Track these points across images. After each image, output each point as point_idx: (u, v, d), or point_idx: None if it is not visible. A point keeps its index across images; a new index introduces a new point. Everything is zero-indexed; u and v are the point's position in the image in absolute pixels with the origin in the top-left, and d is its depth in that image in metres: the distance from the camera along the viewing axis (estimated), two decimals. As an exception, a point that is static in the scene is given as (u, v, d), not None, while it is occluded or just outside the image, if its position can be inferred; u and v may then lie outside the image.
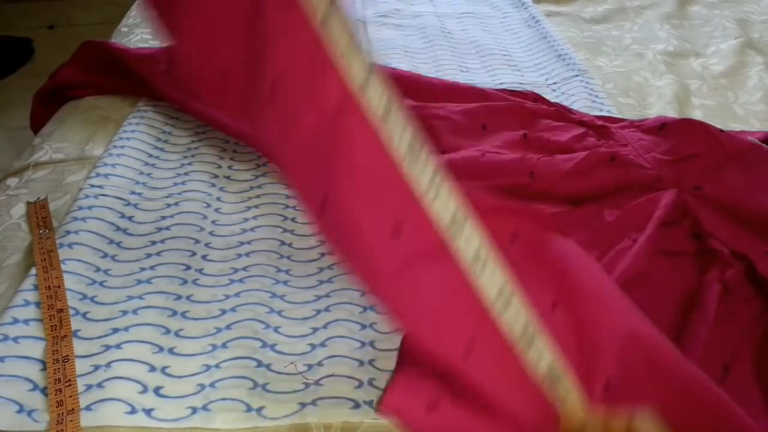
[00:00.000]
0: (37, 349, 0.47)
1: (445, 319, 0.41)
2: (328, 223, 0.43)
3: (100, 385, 0.45)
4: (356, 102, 0.39)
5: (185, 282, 0.55)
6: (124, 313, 0.51)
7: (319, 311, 0.53)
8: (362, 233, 0.40)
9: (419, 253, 0.39)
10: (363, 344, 0.50)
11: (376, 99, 0.39)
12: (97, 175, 0.66)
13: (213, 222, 0.63)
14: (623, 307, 0.46)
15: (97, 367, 0.47)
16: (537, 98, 0.80)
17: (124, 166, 0.68)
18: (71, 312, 0.50)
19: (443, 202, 0.39)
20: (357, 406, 0.45)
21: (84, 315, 0.51)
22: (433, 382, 0.43)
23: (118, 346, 0.48)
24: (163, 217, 0.62)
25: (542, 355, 0.41)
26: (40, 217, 0.60)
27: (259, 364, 0.48)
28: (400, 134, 0.39)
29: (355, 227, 0.40)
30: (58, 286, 0.52)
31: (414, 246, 0.39)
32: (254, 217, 0.63)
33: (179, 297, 0.54)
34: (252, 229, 0.62)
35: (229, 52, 0.45)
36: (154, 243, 0.59)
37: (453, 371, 0.42)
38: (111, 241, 0.58)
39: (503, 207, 0.47)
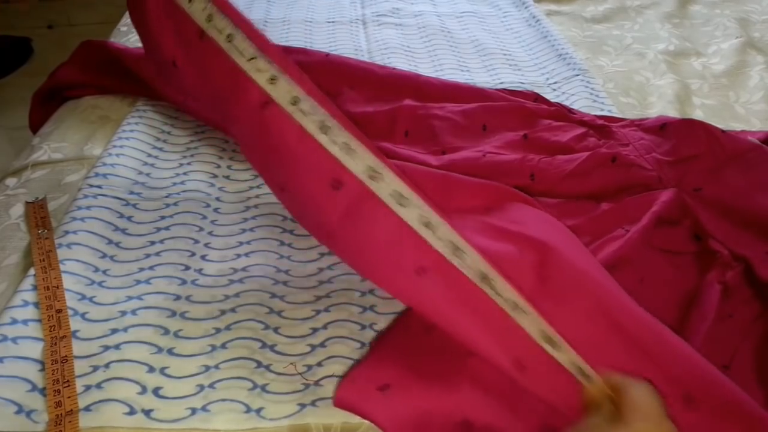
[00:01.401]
0: (35, 350, 0.47)
1: (392, 250, 0.43)
2: (289, 201, 0.50)
3: (99, 386, 0.45)
4: (271, 97, 0.45)
5: (184, 282, 0.55)
6: (123, 313, 0.51)
7: (318, 312, 0.53)
8: (311, 199, 0.45)
9: (358, 197, 0.43)
10: (363, 344, 0.50)
11: (284, 92, 0.45)
12: (96, 175, 0.65)
13: (212, 222, 0.62)
14: (589, 270, 0.49)
15: (96, 368, 0.47)
16: (537, 98, 0.80)
17: (123, 165, 0.68)
18: (70, 312, 0.50)
19: (358, 159, 0.43)
20: (357, 406, 0.45)
21: (83, 315, 0.51)
22: (384, 371, 0.46)
23: (117, 347, 0.48)
24: (162, 217, 0.62)
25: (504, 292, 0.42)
26: (38, 217, 0.60)
27: (259, 364, 0.48)
28: (310, 118, 0.44)
29: (305, 196, 0.46)
30: (57, 287, 0.52)
31: (351, 193, 0.43)
32: (253, 218, 0.63)
33: (178, 297, 0.53)
34: (251, 229, 0.62)
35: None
36: (153, 243, 0.59)
37: (408, 298, 0.45)
38: (110, 242, 0.58)
39: (482, 185, 0.57)
